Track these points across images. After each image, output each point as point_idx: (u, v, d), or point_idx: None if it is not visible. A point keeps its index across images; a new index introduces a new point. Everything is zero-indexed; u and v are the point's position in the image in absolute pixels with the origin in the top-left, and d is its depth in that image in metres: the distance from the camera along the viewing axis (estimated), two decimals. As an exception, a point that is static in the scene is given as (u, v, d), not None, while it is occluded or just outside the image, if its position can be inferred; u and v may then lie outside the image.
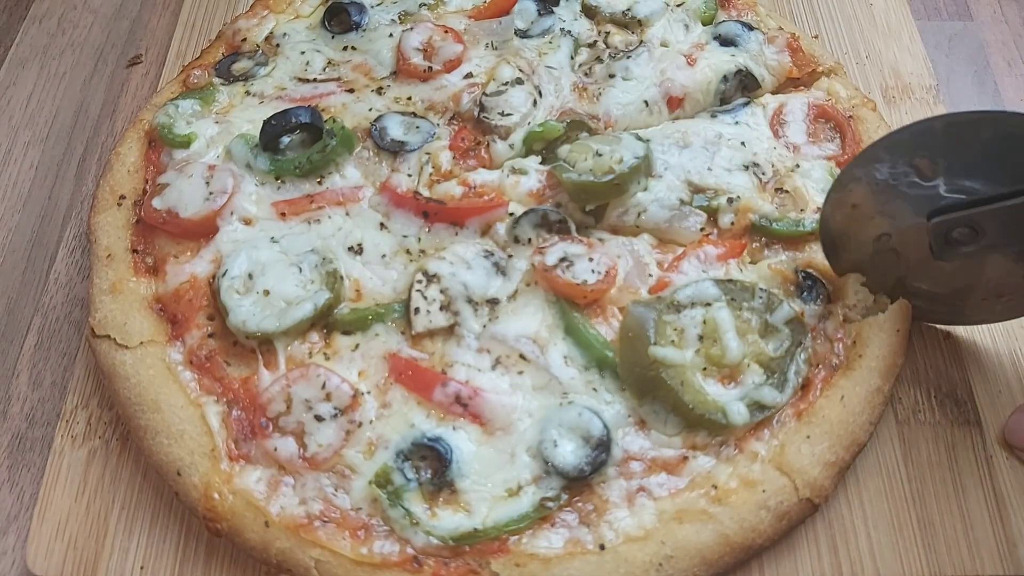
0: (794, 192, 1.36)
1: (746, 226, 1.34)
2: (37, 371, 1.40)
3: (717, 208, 1.35)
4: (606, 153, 1.36)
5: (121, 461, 1.28)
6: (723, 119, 1.46)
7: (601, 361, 1.22)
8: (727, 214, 1.34)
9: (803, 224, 1.33)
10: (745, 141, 1.42)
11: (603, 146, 1.37)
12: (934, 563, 1.17)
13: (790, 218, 1.34)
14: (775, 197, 1.37)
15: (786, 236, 1.34)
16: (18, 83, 1.76)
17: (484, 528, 1.12)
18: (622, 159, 1.34)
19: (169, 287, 1.31)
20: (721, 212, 1.35)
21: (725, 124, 1.45)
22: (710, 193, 1.36)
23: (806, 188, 1.36)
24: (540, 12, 1.59)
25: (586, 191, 1.34)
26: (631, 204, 1.34)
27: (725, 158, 1.39)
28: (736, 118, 1.46)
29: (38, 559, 1.20)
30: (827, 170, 1.39)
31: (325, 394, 1.20)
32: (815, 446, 1.16)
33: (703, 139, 1.41)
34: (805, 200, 1.35)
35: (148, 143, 1.47)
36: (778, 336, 1.23)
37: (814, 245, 1.32)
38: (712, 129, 1.43)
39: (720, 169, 1.38)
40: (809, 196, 1.35)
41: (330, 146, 1.39)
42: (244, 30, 1.61)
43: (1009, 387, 1.30)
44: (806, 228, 1.33)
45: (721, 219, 1.35)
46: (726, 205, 1.35)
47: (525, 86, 1.47)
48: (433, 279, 1.28)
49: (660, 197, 1.34)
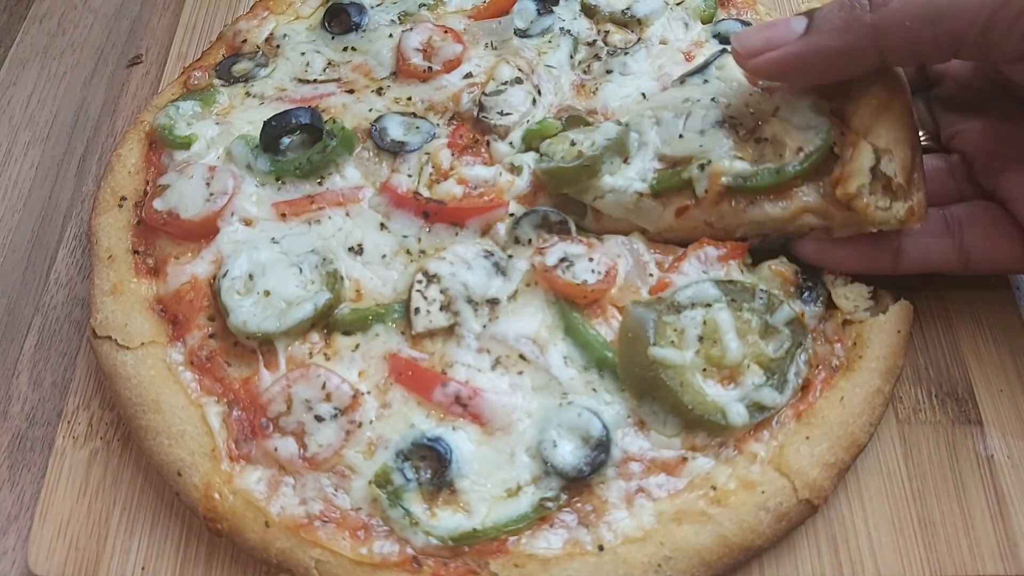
0: (773, 138, 1.27)
1: (720, 191, 1.25)
2: (37, 371, 1.40)
3: (691, 179, 1.27)
4: (580, 141, 1.35)
5: (122, 462, 1.28)
6: (692, 81, 1.39)
7: (601, 362, 1.22)
8: (701, 182, 1.27)
9: (784, 171, 1.24)
10: (716, 96, 1.33)
11: (578, 135, 1.37)
12: (935, 562, 1.17)
13: (770, 167, 1.24)
14: (754, 149, 1.27)
15: (769, 188, 1.24)
16: (18, 83, 1.76)
17: (483, 528, 1.12)
18: (594, 143, 1.33)
19: (170, 288, 1.31)
20: (695, 181, 1.27)
21: (695, 86, 1.37)
22: (683, 163, 1.29)
23: (786, 130, 1.27)
24: (539, 12, 1.59)
25: (556, 177, 1.34)
26: (600, 187, 1.31)
27: (696, 119, 1.31)
28: (705, 76, 1.38)
29: (39, 559, 1.21)
30: (808, 105, 1.27)
31: (325, 394, 1.20)
32: (814, 447, 1.16)
33: (673, 108, 1.34)
34: (783, 144, 1.26)
35: (149, 144, 1.47)
36: (778, 337, 1.23)
37: (805, 189, 1.23)
38: (680, 94, 1.36)
39: (692, 133, 1.30)
40: (787, 139, 1.26)
41: (330, 147, 1.39)
42: (244, 31, 1.62)
43: (1009, 386, 1.30)
44: (789, 173, 1.23)
45: (696, 187, 1.27)
46: (698, 172, 1.27)
47: (524, 85, 1.47)
48: (433, 279, 1.28)
49: (618, 187, 1.30)
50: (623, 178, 1.32)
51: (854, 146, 1.20)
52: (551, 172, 1.35)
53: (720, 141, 1.28)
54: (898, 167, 1.17)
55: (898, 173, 1.17)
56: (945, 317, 1.37)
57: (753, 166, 1.25)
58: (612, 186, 1.31)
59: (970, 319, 1.36)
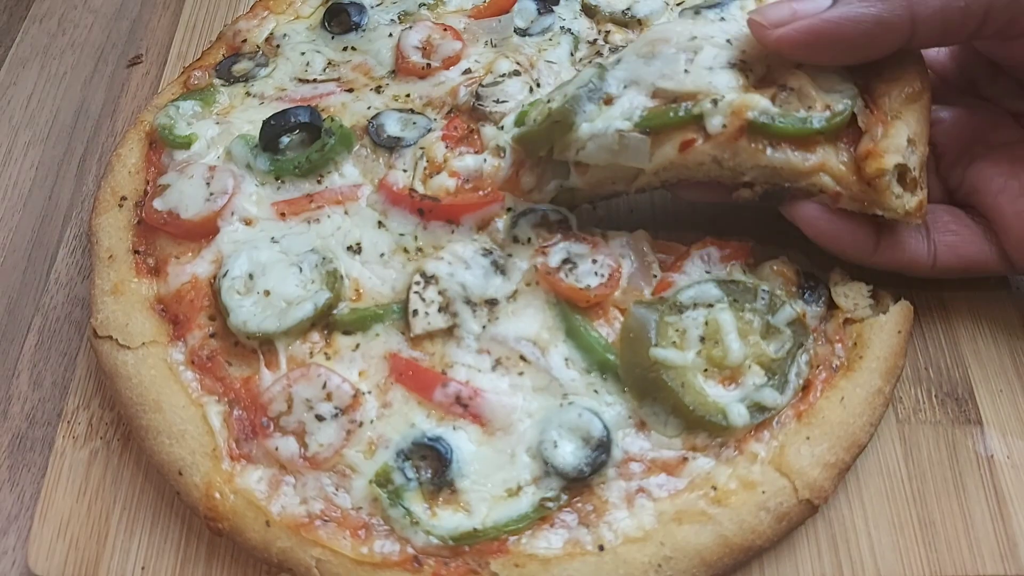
0: (799, 89, 1.21)
1: (741, 126, 1.18)
2: (37, 371, 1.40)
3: (701, 114, 1.20)
4: (554, 98, 1.28)
5: (122, 461, 1.28)
6: (708, 15, 1.33)
7: (602, 364, 1.22)
8: (715, 117, 1.19)
9: (810, 121, 1.19)
10: (732, 39, 1.25)
11: (555, 93, 1.30)
12: (935, 562, 1.17)
13: (795, 115, 1.19)
14: (777, 94, 1.21)
15: (792, 135, 1.19)
16: (19, 83, 1.76)
17: (484, 528, 1.12)
18: (566, 94, 1.25)
19: (170, 288, 1.31)
20: (707, 116, 1.19)
21: (709, 21, 1.31)
22: (688, 99, 1.22)
23: (813, 83, 1.21)
24: (540, 11, 1.59)
25: (528, 141, 1.29)
26: (579, 138, 1.24)
27: (708, 57, 1.23)
28: (722, 13, 1.32)
29: (39, 559, 1.21)
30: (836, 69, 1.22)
31: (326, 394, 1.20)
32: (815, 447, 1.16)
33: (676, 44, 1.26)
34: (811, 97, 1.20)
35: (149, 144, 1.47)
36: (780, 337, 1.23)
37: (827, 148, 1.20)
38: (687, 31, 1.27)
39: (700, 69, 1.22)
40: (815, 93, 1.21)
41: (329, 144, 1.39)
42: (244, 31, 1.62)
43: (1009, 386, 1.30)
44: (814, 126, 1.18)
45: (709, 123, 1.19)
46: (711, 107, 1.19)
47: (522, 76, 1.47)
48: (431, 280, 1.28)
49: (598, 131, 1.22)
50: (604, 120, 1.23)
51: (885, 124, 1.18)
52: (522, 138, 1.29)
53: (730, 81, 1.21)
54: (917, 160, 1.18)
55: (916, 166, 1.17)
56: (945, 317, 1.37)
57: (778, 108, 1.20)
58: (591, 132, 1.23)
59: (970, 319, 1.36)
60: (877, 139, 1.17)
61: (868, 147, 1.17)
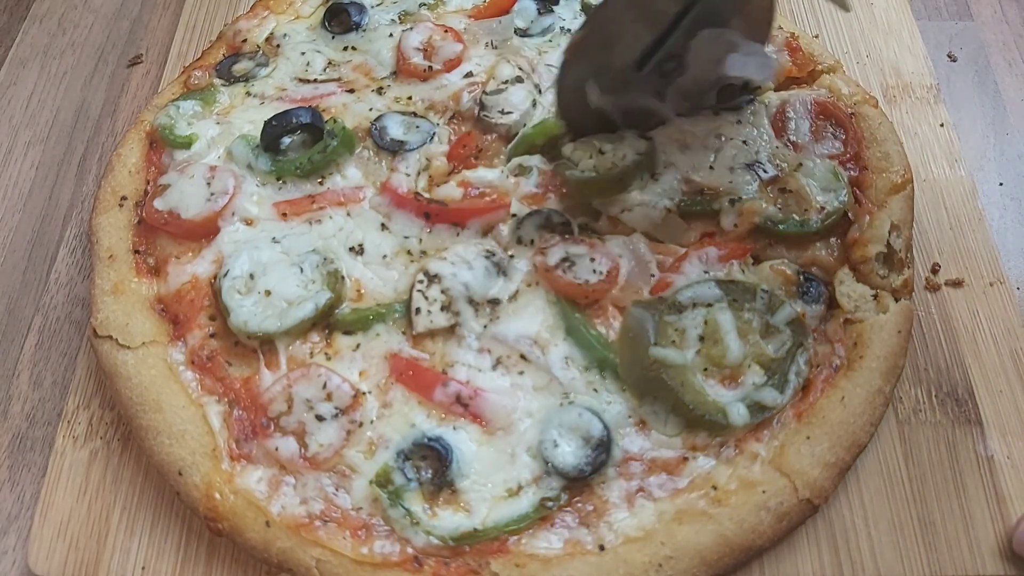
0: (797, 192, 1.35)
1: (749, 228, 1.32)
2: (38, 371, 1.40)
3: (719, 210, 1.33)
4: (609, 151, 1.36)
5: (122, 461, 1.28)
6: (727, 117, 1.44)
7: (602, 362, 1.22)
8: (729, 215, 1.33)
9: (808, 224, 1.32)
10: (747, 140, 1.40)
11: (606, 144, 1.37)
12: (935, 562, 1.17)
13: (794, 219, 1.33)
14: (779, 198, 1.36)
15: (791, 237, 1.33)
16: (19, 83, 1.76)
17: (484, 528, 1.12)
18: (624, 155, 1.35)
19: (171, 288, 1.31)
20: (723, 214, 1.33)
21: (728, 122, 1.43)
22: (711, 194, 1.34)
23: (809, 188, 1.35)
24: (540, 11, 1.60)
25: (589, 186, 1.35)
26: (628, 201, 1.34)
27: (728, 156, 1.37)
28: (739, 117, 1.44)
29: (39, 559, 1.20)
30: (830, 169, 1.36)
31: (326, 394, 1.20)
32: (815, 447, 1.16)
33: (702, 139, 1.39)
34: (808, 200, 1.33)
35: (149, 144, 1.47)
36: (779, 337, 1.23)
37: (819, 244, 1.32)
38: (711, 127, 1.41)
39: (723, 168, 1.36)
40: (812, 196, 1.34)
41: (331, 146, 1.40)
42: (245, 31, 1.62)
43: (1009, 386, 1.30)
44: (811, 228, 1.32)
45: (724, 220, 1.33)
46: (728, 207, 1.33)
47: (525, 84, 1.47)
48: (434, 279, 1.28)
49: (647, 203, 1.33)
50: (651, 193, 1.34)
51: (871, 215, 1.33)
52: (585, 182, 1.35)
53: (748, 182, 1.35)
54: (903, 243, 1.31)
55: (901, 248, 1.31)
56: (945, 317, 1.37)
57: (779, 213, 1.34)
58: (641, 200, 1.34)
59: (970, 319, 1.36)
60: (863, 228, 1.32)
61: (855, 236, 1.32)
